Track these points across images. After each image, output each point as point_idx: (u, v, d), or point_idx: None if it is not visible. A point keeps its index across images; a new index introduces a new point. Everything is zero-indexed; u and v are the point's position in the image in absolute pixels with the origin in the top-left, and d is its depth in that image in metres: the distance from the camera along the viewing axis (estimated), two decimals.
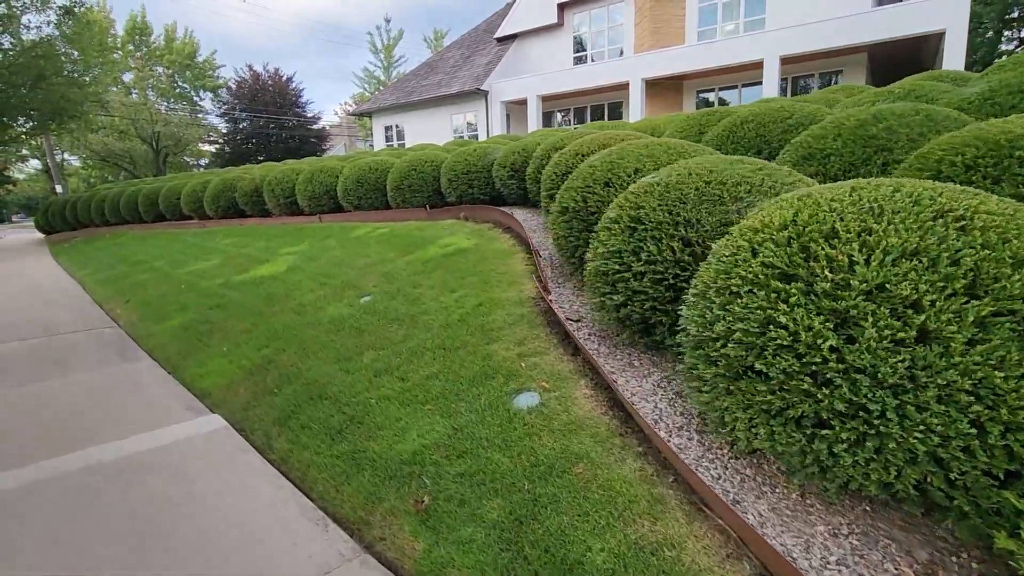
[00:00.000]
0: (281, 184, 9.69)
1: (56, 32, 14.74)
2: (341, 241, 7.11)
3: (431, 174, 7.74)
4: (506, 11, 25.84)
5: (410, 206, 7.88)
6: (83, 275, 8.92)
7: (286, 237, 8.14)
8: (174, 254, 8.89)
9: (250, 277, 6.27)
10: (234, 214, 11.28)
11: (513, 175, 6.57)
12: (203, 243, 9.28)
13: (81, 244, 13.98)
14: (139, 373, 4.14)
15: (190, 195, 11.83)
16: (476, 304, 4.06)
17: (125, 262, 9.23)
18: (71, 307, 6.66)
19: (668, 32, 18.74)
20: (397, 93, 24.52)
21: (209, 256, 8.05)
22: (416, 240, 6.19)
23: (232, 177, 11.26)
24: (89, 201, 15.53)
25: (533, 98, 20.23)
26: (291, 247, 7.42)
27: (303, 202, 9.28)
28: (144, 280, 7.38)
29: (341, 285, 5.24)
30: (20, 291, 7.96)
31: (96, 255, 10.96)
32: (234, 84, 43.76)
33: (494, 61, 21.96)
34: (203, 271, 7.16)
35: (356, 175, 8.43)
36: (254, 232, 9.16)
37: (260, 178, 10.48)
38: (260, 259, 7.10)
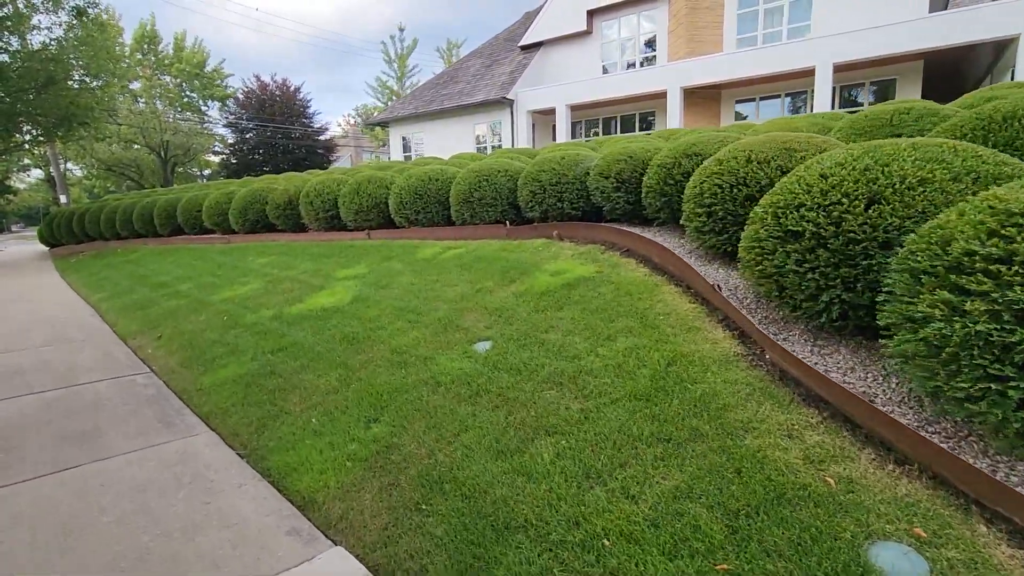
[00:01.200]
0: (321, 196, 8.58)
1: (67, 34, 13.68)
2: (408, 264, 5.98)
3: (506, 185, 6.64)
4: (528, 19, 25.00)
5: (480, 222, 6.77)
6: (99, 300, 7.76)
7: (335, 257, 7.01)
8: (202, 275, 7.74)
9: (308, 309, 5.13)
10: (263, 229, 10.15)
11: (619, 187, 5.47)
12: (234, 262, 8.13)
13: (90, 260, 12.80)
14: (198, 455, 2.99)
15: (213, 207, 10.70)
16: (664, 362, 2.94)
17: (145, 284, 8.07)
18: (91, 343, 5.49)
19: (705, 40, 17.84)
20: (416, 102, 23.55)
21: (246, 279, 6.91)
22: (510, 265, 5.07)
23: (261, 188, 10.14)
24: (99, 213, 14.37)
25: (562, 108, 19.27)
26: (346, 270, 6.29)
27: (348, 216, 8.16)
28: (174, 309, 6.23)
29: (438, 324, 4.10)
30: (29, 321, 6.78)
31: (110, 274, 9.79)
32: (242, 95, 42.94)
33: (518, 70, 21.03)
34: (244, 299, 6.01)
35: (413, 186, 7.32)
36: (292, 250, 8.03)
37: (295, 189, 9.37)
38: (313, 285, 5.96)
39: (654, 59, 19.40)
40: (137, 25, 33.24)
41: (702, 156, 4.67)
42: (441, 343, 3.81)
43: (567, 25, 20.65)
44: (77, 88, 15.28)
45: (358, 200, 7.98)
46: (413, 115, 22.94)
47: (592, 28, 20.40)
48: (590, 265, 4.67)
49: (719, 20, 17.80)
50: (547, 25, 21.14)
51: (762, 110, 17.65)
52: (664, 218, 4.97)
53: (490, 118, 21.24)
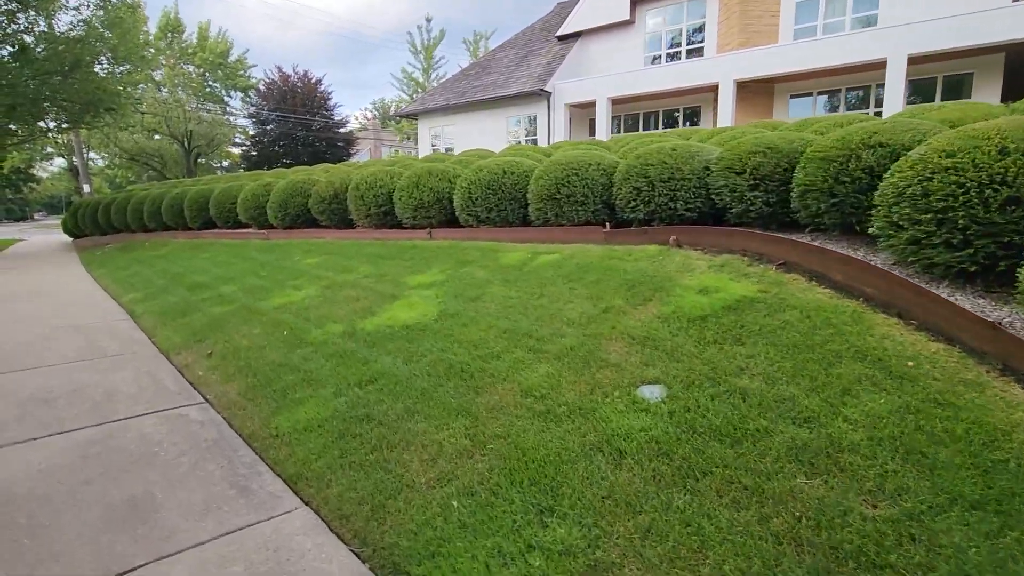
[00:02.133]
0: (373, 190, 7.69)
1: (95, 15, 12.92)
2: (493, 271, 5.07)
3: (599, 180, 5.69)
4: (563, 10, 23.95)
5: (566, 222, 5.83)
6: (131, 301, 6.95)
7: (397, 260, 6.11)
8: (244, 276, 6.89)
9: (387, 325, 4.23)
10: (303, 224, 9.29)
11: (757, 184, 4.52)
12: (278, 261, 7.28)
13: (116, 253, 12.05)
14: (298, 551, 2.10)
15: (250, 200, 9.86)
16: (976, 440, 2.01)
17: (181, 283, 7.24)
18: (128, 359, 4.65)
19: (759, 30, 16.72)
20: (447, 94, 22.62)
21: (297, 282, 6.05)
22: (633, 278, 4.14)
23: (301, 180, 9.28)
24: (125, 203, 13.63)
25: (603, 101, 18.25)
26: (418, 276, 5.39)
27: (404, 212, 7.26)
28: (220, 317, 5.37)
29: (574, 357, 3.19)
30: (55, 326, 5.96)
31: (140, 270, 8.99)
32: (263, 86, 42.26)
33: (556, 61, 20.02)
34: (302, 307, 5.14)
35: (485, 180, 6.39)
36: (343, 249, 7.15)
37: (341, 182, 8.49)
38: (381, 293, 5.07)
39: (701, 51, 18.30)
40: (161, 14, 32.60)
41: (890, 147, 3.70)
42: (589, 384, 2.89)
43: (608, 14, 19.59)
44: (104, 73, 14.53)
45: (417, 195, 7.07)
46: (444, 107, 22.02)
47: (635, 18, 19.33)
48: (744, 282, 3.73)
49: (775, 9, 16.68)
50: (586, 14, 20.10)
51: (819, 106, 16.53)
52: (829, 223, 4.00)
53: (525, 111, 20.28)
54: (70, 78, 13.79)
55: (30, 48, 12.59)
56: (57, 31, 13.33)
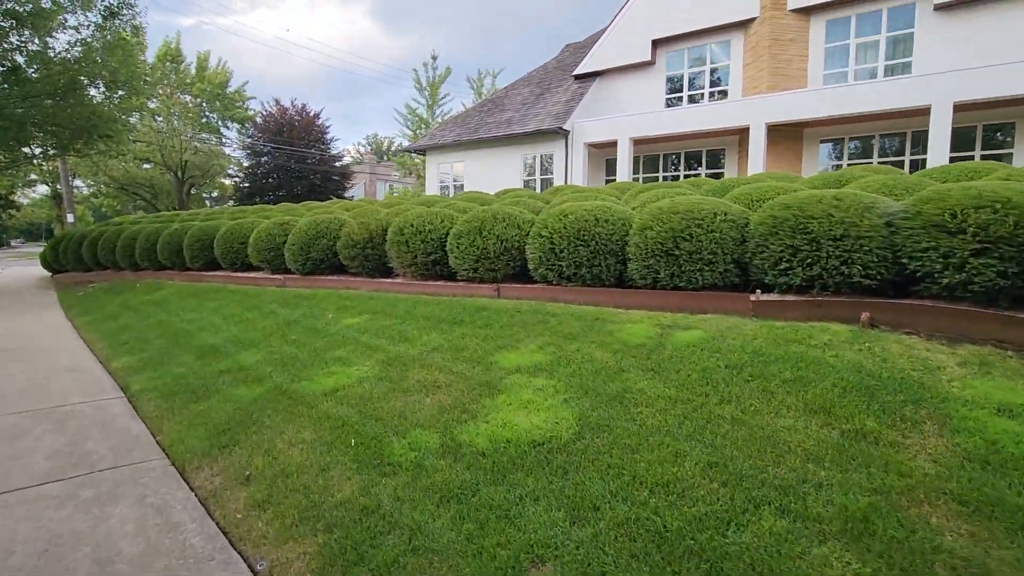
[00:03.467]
0: (421, 235, 6.47)
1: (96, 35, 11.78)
2: (618, 353, 3.83)
3: (729, 234, 4.56)
4: (579, 49, 23.61)
5: (684, 284, 4.67)
6: (123, 368, 5.53)
7: (468, 326, 4.86)
8: (269, 338, 5.55)
9: (504, 439, 2.95)
10: (328, 270, 8.01)
11: (985, 249, 3.41)
12: (308, 320, 5.96)
13: (102, 295, 10.56)
14: None
15: (263, 241, 8.57)
16: None
17: (188, 346, 5.86)
18: (127, 478, 3.27)
19: (789, 74, 16.25)
20: (459, 129, 21.83)
21: (342, 353, 4.74)
22: (855, 380, 2.93)
23: (326, 220, 8.05)
24: (114, 238, 12.21)
25: (625, 141, 17.52)
26: (508, 352, 4.14)
27: (461, 263, 6.04)
28: (249, 405, 4.02)
29: (872, 539, 1.96)
30: (21, 409, 4.54)
31: (132, 322, 7.56)
32: (260, 119, 41.40)
33: (574, 99, 19.39)
34: (362, 396, 3.82)
35: (574, 228, 5.21)
36: (388, 307, 5.87)
37: (377, 224, 7.27)
38: (469, 378, 3.80)
39: (725, 93, 17.80)
40: (161, 43, 31.78)
41: None
42: None
43: (629, 55, 19.12)
44: (100, 98, 13.34)
45: (480, 243, 5.87)
46: (455, 143, 21.18)
47: (656, 59, 18.86)
48: None
49: (804, 53, 16.27)
50: (605, 54, 19.61)
51: (849, 152, 15.95)
52: None
53: (541, 150, 19.49)
54: (63, 102, 12.56)
55: (21, 69, 11.39)
56: (53, 52, 12.15)
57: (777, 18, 16.07)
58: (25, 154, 14.07)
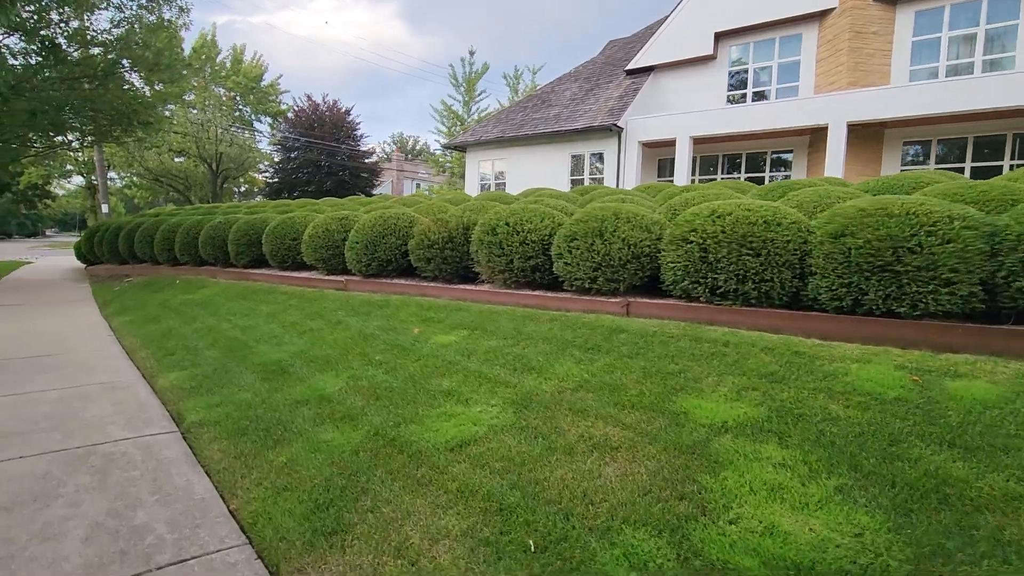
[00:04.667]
0: (519, 235, 5.38)
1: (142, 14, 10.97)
2: (877, 414, 2.70)
3: (975, 245, 3.39)
4: (629, 44, 22.41)
5: (904, 309, 3.51)
6: (173, 388, 4.52)
7: (611, 354, 3.75)
8: (348, 357, 4.50)
9: (800, 570, 1.87)
10: (395, 272, 6.98)
11: None
12: (389, 335, 4.90)
13: (140, 292, 9.69)
14: None
15: (320, 237, 7.57)
16: None
17: (247, 361, 4.84)
18: None
19: (871, 69, 14.87)
20: (503, 126, 20.77)
21: (451, 384, 3.67)
22: None
23: (395, 216, 7.01)
24: (152, 231, 11.37)
25: (685, 140, 16.29)
26: (698, 399, 3.02)
27: (574, 270, 4.94)
28: (349, 460, 2.95)
29: None
30: (53, 449, 3.54)
31: (177, 326, 6.60)
32: (292, 114, 40.87)
33: (627, 95, 18.20)
34: (504, 455, 2.74)
35: (740, 232, 4.08)
36: (488, 322, 4.79)
37: (457, 221, 6.21)
38: (660, 439, 2.68)
39: (793, 90, 16.46)
40: (198, 35, 31.30)
41: None
42: None
43: (688, 49, 17.89)
44: (141, 83, 12.53)
45: (601, 247, 4.76)
46: (499, 139, 20.12)
47: (718, 53, 17.60)
48: None
49: (888, 48, 14.87)
50: (662, 48, 18.39)
51: (937, 155, 14.50)
52: None
53: (590, 148, 18.33)
54: (102, 86, 11.76)
55: (61, 48, 10.60)
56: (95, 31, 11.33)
57: (859, 8, 14.70)
58: (62, 141, 13.36)
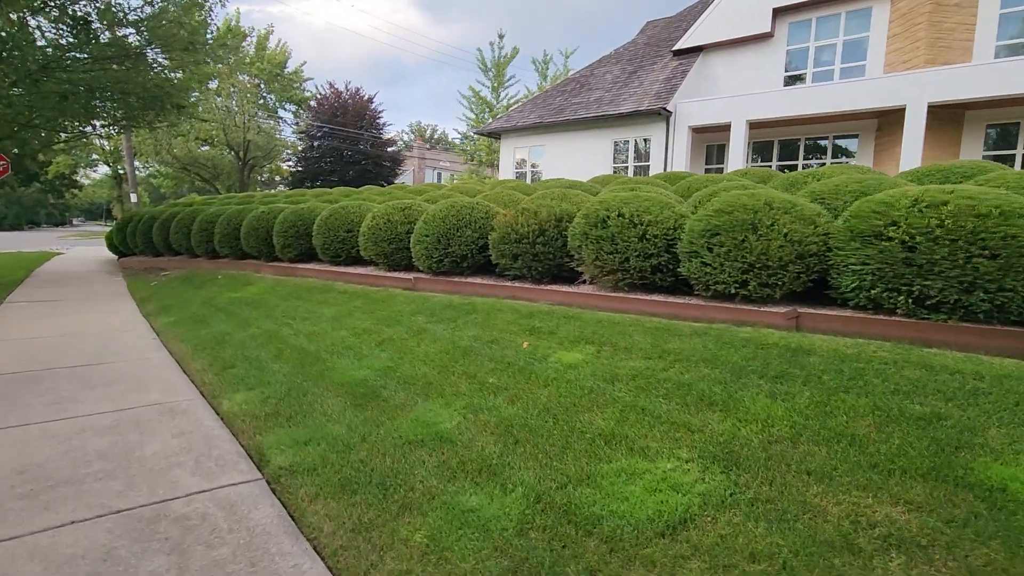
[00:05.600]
0: (638, 227, 4.48)
1: None
2: None
3: None
4: (672, 23, 21.17)
5: None
6: (243, 411, 3.73)
7: (803, 383, 2.88)
8: (452, 380, 3.67)
9: None
10: (471, 269, 6.14)
11: None
12: (493, 351, 4.06)
13: (179, 286, 8.99)
14: None
15: (381, 229, 6.74)
16: None
17: (326, 380, 4.03)
18: None
19: (950, 45, 13.57)
20: (540, 111, 19.75)
21: (611, 421, 2.81)
22: None
23: (469, 205, 6.15)
24: (188, 221, 10.67)
25: (741, 124, 15.16)
26: (999, 464, 2.16)
27: (715, 272, 4.03)
28: (517, 545, 2.14)
29: None
30: (111, 509, 2.77)
31: (229, 329, 5.83)
32: (315, 102, 40.12)
33: (675, 77, 17.06)
34: (778, 557, 1.91)
35: (966, 228, 3.16)
36: (614, 335, 3.92)
37: (549, 212, 5.33)
38: None
39: (860, 70, 15.19)
40: (222, 21, 30.56)
41: None
42: None
43: (742, 26, 16.66)
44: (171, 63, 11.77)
45: (755, 244, 3.84)
46: (536, 125, 19.11)
47: (775, 30, 16.35)
48: None
49: (971, 22, 13.55)
50: (714, 27, 17.17)
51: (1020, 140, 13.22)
52: None
53: (636, 133, 17.26)
54: (133, 68, 11.02)
55: (92, 26, 9.86)
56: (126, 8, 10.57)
57: None
58: (92, 127, 12.71)
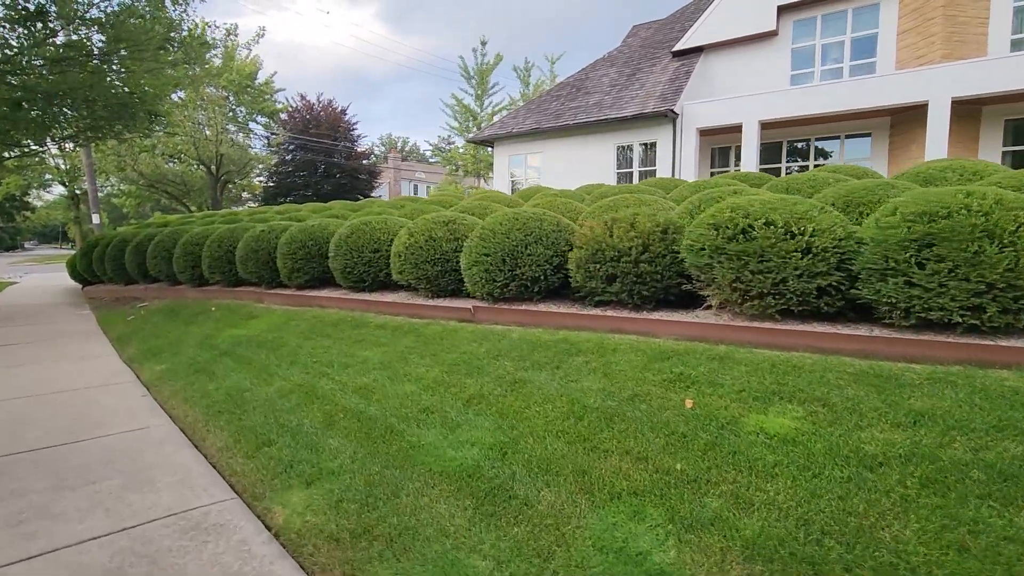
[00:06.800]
0: (796, 236, 3.49)
1: None
2: None
3: None
4: (667, 26, 20.60)
5: None
6: (311, 528, 2.52)
7: None
8: (611, 458, 2.58)
9: None
10: (541, 294, 5.03)
11: None
12: (647, 412, 2.96)
13: (164, 321, 7.58)
14: None
15: (422, 248, 5.56)
16: None
17: (419, 468, 2.84)
18: None
19: (965, 39, 13.22)
20: (537, 116, 18.83)
21: (935, 549, 1.80)
22: None
23: (534, 218, 5.06)
24: (169, 244, 9.23)
25: (752, 125, 14.53)
26: None
27: (928, 296, 3.04)
28: None
29: None
30: None
31: (245, 383, 4.54)
32: (286, 115, 38.42)
33: (680, 78, 16.39)
34: None
35: None
36: (805, 381, 2.90)
37: (651, 222, 4.29)
38: None
39: (870, 67, 14.77)
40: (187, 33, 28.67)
41: None
42: None
43: (746, 25, 16.12)
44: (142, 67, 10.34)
45: (997, 256, 2.89)
46: (535, 131, 18.18)
47: (780, 28, 15.86)
48: None
49: (984, 15, 13.23)
50: (716, 26, 16.59)
51: None
52: None
53: (640, 137, 16.48)
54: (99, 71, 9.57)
55: (49, 17, 8.39)
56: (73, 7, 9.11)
57: None
58: (55, 139, 11.06)
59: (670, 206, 5.37)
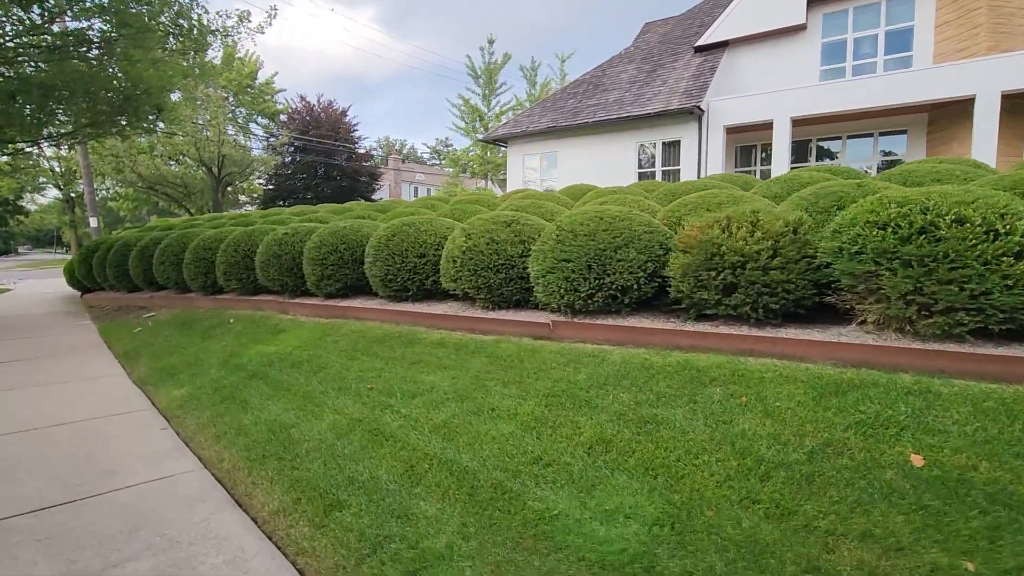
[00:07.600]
0: (1014, 230, 2.77)
1: None
2: None
3: None
4: (686, 21, 19.94)
5: None
6: None
7: None
8: (842, 550, 1.86)
9: None
10: (630, 305, 4.28)
11: None
12: (853, 470, 2.24)
13: (176, 335, 6.78)
14: None
15: (483, 253, 4.80)
16: None
17: (555, 550, 2.13)
18: None
19: (1012, 31, 12.61)
20: (553, 114, 18.10)
21: None
22: None
23: (619, 216, 4.30)
24: (178, 248, 8.42)
25: (784, 122, 13.84)
26: None
27: None
28: None
29: None
30: None
31: (289, 418, 3.75)
32: (286, 116, 37.61)
33: (705, 73, 15.71)
34: None
35: None
36: None
37: (780, 221, 3.56)
38: None
39: (907, 60, 14.13)
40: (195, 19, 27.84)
41: None
42: None
43: (773, 19, 15.47)
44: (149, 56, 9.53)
45: None
46: (551, 130, 17.45)
47: (809, 22, 15.22)
48: None
49: None
50: (741, 20, 15.94)
51: None
52: None
53: (663, 135, 15.78)
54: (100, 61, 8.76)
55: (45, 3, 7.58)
56: None
57: None
58: (51, 135, 10.20)
59: (768, 203, 4.64)
